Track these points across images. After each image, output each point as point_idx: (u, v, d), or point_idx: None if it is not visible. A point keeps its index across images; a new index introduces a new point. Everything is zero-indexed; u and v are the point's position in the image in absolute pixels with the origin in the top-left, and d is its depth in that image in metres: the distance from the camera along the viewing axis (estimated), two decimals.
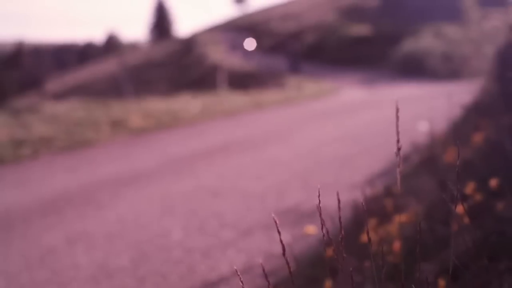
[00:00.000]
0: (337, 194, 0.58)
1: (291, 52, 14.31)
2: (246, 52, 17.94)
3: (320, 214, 0.56)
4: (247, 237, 1.37)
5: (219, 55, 19.83)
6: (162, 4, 38.32)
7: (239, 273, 0.52)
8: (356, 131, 3.12)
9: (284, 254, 0.53)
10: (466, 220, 0.78)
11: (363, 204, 1.06)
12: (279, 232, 0.53)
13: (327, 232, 0.82)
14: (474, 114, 1.43)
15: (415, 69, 11.12)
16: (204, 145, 3.40)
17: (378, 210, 1.04)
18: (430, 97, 4.28)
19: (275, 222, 0.50)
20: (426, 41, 11.99)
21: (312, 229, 1.19)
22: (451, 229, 0.81)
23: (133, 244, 1.44)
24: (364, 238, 0.89)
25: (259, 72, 14.56)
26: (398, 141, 0.61)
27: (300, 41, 15.34)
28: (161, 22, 37.88)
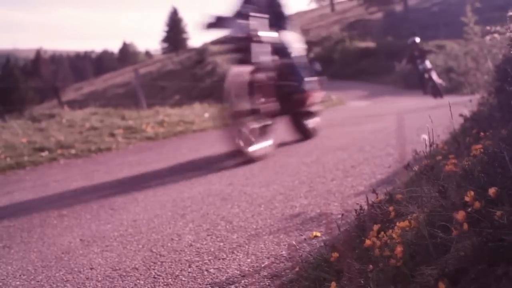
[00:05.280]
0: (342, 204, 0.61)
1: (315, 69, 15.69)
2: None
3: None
4: (255, 240, 1.41)
5: (230, 66, 19.91)
6: (175, 16, 39.10)
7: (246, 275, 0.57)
8: (360, 140, 3.15)
9: (291, 257, 0.56)
10: (466, 226, 0.81)
11: (367, 210, 1.10)
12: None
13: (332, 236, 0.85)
14: (474, 125, 1.46)
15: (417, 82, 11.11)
16: (215, 152, 3.46)
17: (381, 216, 1.08)
18: (432, 109, 4.29)
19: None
20: (428, 56, 12.01)
21: (318, 233, 1.23)
22: (451, 235, 0.84)
23: (146, 246, 1.50)
24: (367, 242, 0.93)
25: None
26: (400, 150, 0.65)
27: (320, 62, 16.35)
28: (175, 33, 38.60)
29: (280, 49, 3.12)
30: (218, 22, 3.03)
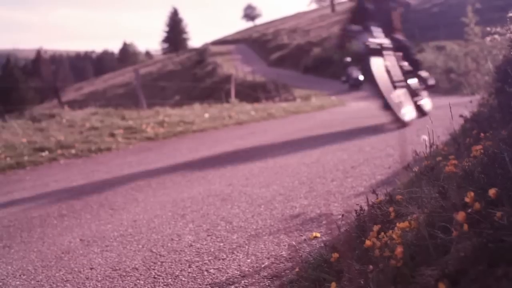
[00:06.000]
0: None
1: (351, 76, 15.23)
2: (256, 64, 18.36)
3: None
4: (255, 240, 1.41)
5: (230, 66, 20.22)
6: (175, 16, 39.22)
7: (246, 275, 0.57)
8: (360, 141, 3.15)
9: (291, 257, 0.56)
10: (466, 227, 0.81)
11: (367, 210, 1.10)
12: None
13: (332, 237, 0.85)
14: (474, 126, 1.46)
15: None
16: (215, 153, 3.47)
17: (381, 216, 1.08)
18: (432, 109, 4.29)
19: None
20: (428, 56, 12.05)
21: (318, 234, 1.23)
22: (451, 236, 0.84)
23: (146, 246, 1.50)
24: (367, 243, 0.93)
25: (269, 84, 14.77)
26: (400, 151, 0.65)
27: (361, 69, 15.92)
28: (175, 34, 38.73)
29: None
30: None
